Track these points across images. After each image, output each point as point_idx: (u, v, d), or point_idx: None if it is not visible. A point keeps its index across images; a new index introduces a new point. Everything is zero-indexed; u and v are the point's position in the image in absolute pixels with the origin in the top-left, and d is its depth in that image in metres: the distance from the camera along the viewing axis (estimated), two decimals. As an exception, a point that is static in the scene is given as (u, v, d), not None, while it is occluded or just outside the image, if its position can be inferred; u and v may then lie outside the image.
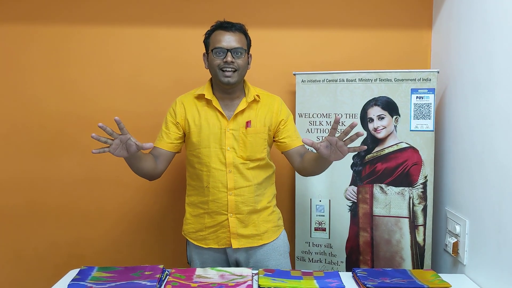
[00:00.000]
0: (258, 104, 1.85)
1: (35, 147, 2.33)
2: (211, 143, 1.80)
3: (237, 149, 1.80)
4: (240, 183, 1.80)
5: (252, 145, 1.80)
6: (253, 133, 1.81)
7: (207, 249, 1.87)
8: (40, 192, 2.35)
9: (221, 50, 1.73)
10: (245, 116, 1.82)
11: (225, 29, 1.75)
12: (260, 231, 1.85)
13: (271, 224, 1.88)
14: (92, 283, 1.55)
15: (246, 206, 1.81)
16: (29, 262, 2.36)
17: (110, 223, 2.37)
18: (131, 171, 2.34)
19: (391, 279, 1.66)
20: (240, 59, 1.75)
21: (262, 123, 1.83)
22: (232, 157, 1.79)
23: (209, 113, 1.82)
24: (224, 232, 1.83)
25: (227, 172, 1.80)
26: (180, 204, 2.37)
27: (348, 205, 2.14)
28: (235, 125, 1.80)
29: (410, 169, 2.06)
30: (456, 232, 1.89)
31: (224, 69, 1.73)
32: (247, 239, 1.84)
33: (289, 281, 1.61)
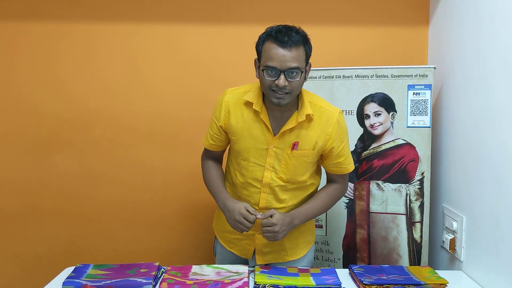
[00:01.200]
0: (311, 122, 1.60)
1: (30, 147, 2.32)
2: (250, 157, 1.63)
3: (278, 169, 1.63)
4: (273, 204, 1.66)
5: (295, 168, 1.62)
6: (299, 156, 1.61)
7: (230, 251, 1.80)
8: (36, 191, 2.33)
9: (274, 71, 1.47)
10: (294, 135, 1.60)
11: (280, 44, 1.45)
12: (285, 247, 1.74)
13: (301, 240, 1.77)
14: (87, 280, 1.54)
15: None
16: (26, 261, 2.35)
17: (106, 220, 2.36)
18: (127, 169, 2.34)
19: (388, 276, 1.65)
20: (295, 80, 1.48)
21: (311, 145, 1.61)
22: (270, 177, 1.63)
23: (254, 124, 1.61)
24: (249, 244, 1.74)
25: (262, 191, 1.65)
26: (177, 202, 2.37)
27: (345, 202, 2.14)
28: (281, 144, 1.60)
29: (407, 165, 2.06)
30: (453, 228, 1.88)
31: (275, 91, 1.49)
32: (272, 254, 1.75)
33: (286, 278, 1.61)
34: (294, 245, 1.76)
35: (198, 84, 2.30)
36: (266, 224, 1.55)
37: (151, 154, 2.34)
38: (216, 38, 2.28)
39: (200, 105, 2.26)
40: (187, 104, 2.28)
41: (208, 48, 2.30)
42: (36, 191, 2.34)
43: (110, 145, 2.32)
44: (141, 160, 2.34)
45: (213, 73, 2.30)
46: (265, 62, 1.48)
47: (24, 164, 2.32)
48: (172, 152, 2.33)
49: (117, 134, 2.32)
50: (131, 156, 2.33)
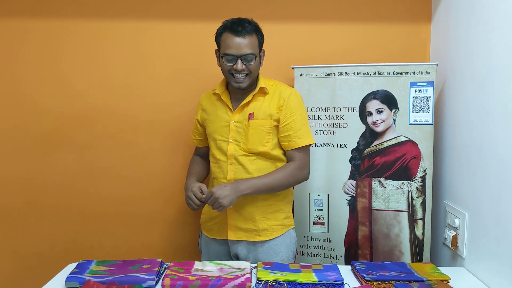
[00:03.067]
0: (266, 96, 1.82)
1: (31, 144, 2.32)
2: (217, 136, 1.84)
3: (240, 141, 1.80)
4: (240, 175, 1.79)
5: (253, 137, 1.79)
6: (255, 125, 1.79)
7: (212, 239, 1.90)
8: (37, 187, 2.34)
9: (231, 57, 1.71)
10: (250, 108, 1.81)
11: (235, 33, 1.70)
12: (258, 227, 1.83)
13: (274, 222, 1.85)
14: (90, 276, 1.55)
15: (244, 198, 1.78)
16: (28, 259, 2.35)
17: (108, 217, 2.36)
18: (129, 166, 2.35)
19: (390, 272, 1.65)
20: (251, 64, 1.73)
21: (265, 115, 1.79)
22: (233, 149, 1.80)
23: (219, 107, 1.86)
24: (224, 223, 1.85)
25: (228, 163, 1.81)
26: (177, 199, 2.37)
27: (347, 199, 2.14)
28: (240, 117, 1.81)
29: (409, 162, 2.06)
30: (455, 225, 1.88)
31: (234, 76, 1.74)
32: (245, 232, 1.84)
33: (288, 274, 1.61)
34: (267, 226, 1.84)
35: (200, 81, 2.30)
36: (207, 197, 1.70)
37: (153, 150, 2.34)
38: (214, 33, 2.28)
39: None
40: (189, 101, 2.28)
41: (210, 45, 2.29)
42: (37, 187, 2.34)
43: (111, 141, 2.32)
44: (143, 156, 2.34)
45: (216, 71, 2.29)
46: (224, 50, 1.73)
47: (25, 160, 2.32)
48: (174, 148, 2.33)
49: (119, 131, 2.32)
50: (132, 153, 2.34)
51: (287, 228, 1.89)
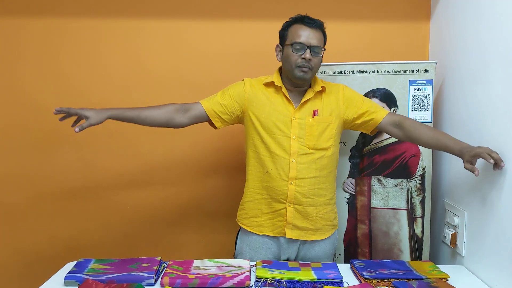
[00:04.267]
0: (324, 94, 1.82)
1: (31, 142, 2.31)
2: (276, 130, 1.77)
3: (304, 138, 1.77)
4: (303, 174, 1.77)
5: (319, 133, 1.77)
6: (320, 121, 1.78)
7: (261, 236, 1.83)
8: (37, 186, 2.33)
9: (301, 46, 1.71)
10: (312, 105, 1.80)
11: (307, 25, 1.73)
12: (315, 227, 1.81)
13: (327, 222, 1.84)
14: (89, 275, 1.55)
15: (305, 197, 1.78)
16: (28, 257, 2.35)
17: (107, 216, 2.36)
18: (129, 164, 2.34)
19: (389, 270, 1.65)
20: (317, 57, 1.74)
21: (328, 112, 1.80)
22: (297, 147, 1.76)
23: (277, 100, 1.80)
24: (280, 220, 1.80)
25: (291, 161, 1.76)
26: (179, 197, 2.37)
27: (346, 198, 2.14)
28: (302, 114, 1.78)
29: (408, 161, 2.05)
30: (454, 223, 1.88)
31: (301, 66, 1.72)
32: (301, 231, 1.81)
33: (287, 272, 1.61)
34: (321, 226, 1.83)
35: (200, 79, 2.29)
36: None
37: (153, 148, 2.34)
38: (218, 33, 2.28)
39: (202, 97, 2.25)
40: (189, 99, 2.27)
41: (210, 43, 2.30)
42: (37, 186, 2.34)
43: (111, 139, 2.32)
44: (142, 154, 2.34)
45: (216, 68, 2.30)
46: (293, 39, 1.73)
47: (25, 158, 2.32)
48: (174, 146, 2.33)
49: (118, 129, 2.31)
50: (132, 151, 2.33)
51: (335, 229, 1.90)
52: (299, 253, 1.84)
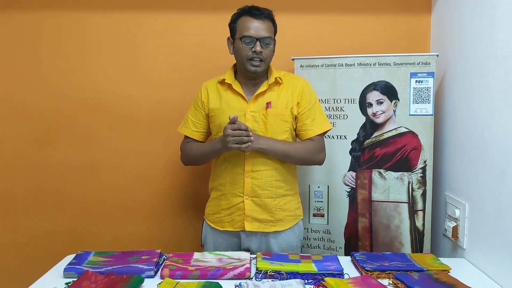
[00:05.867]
0: (281, 86, 1.82)
1: (31, 135, 2.31)
2: None
3: (257, 131, 1.77)
4: (258, 166, 1.78)
5: (272, 126, 1.77)
6: (274, 114, 1.77)
7: (223, 232, 1.85)
8: (36, 181, 2.33)
9: (250, 39, 1.71)
10: (266, 97, 1.79)
11: (254, 16, 1.72)
12: (275, 218, 1.82)
13: (288, 213, 1.85)
14: (88, 267, 1.54)
15: (262, 189, 1.79)
16: (27, 250, 2.35)
17: (107, 210, 2.35)
18: (128, 158, 2.34)
19: (390, 263, 1.65)
20: (268, 49, 1.73)
21: (283, 104, 1.79)
22: None
23: (230, 97, 1.81)
24: (239, 214, 1.81)
25: (246, 154, 1.77)
26: (178, 191, 2.36)
27: (347, 191, 2.13)
28: (256, 107, 1.78)
29: (409, 154, 2.04)
30: (455, 216, 1.87)
31: (252, 59, 1.72)
32: (260, 223, 1.81)
33: (287, 264, 1.60)
34: (282, 217, 1.83)
35: (197, 71, 2.28)
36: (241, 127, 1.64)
37: (151, 142, 2.33)
38: (214, 25, 2.27)
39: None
40: (186, 92, 2.27)
41: (206, 35, 2.29)
42: (36, 181, 2.33)
43: (109, 134, 2.31)
44: (141, 148, 2.33)
45: (212, 60, 2.28)
46: (242, 33, 1.72)
47: (24, 151, 2.31)
48: (172, 140, 2.31)
49: (117, 123, 2.31)
50: (131, 145, 2.32)
51: (298, 219, 1.90)
52: (261, 245, 1.84)
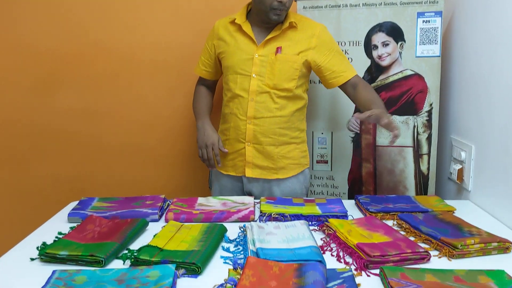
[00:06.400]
0: (295, 31, 1.75)
1: (30, 86, 2.26)
2: (238, 69, 1.75)
3: (264, 76, 1.73)
4: (261, 113, 1.75)
5: (280, 72, 1.73)
6: (283, 60, 1.73)
7: (226, 175, 1.87)
8: (38, 130, 2.31)
9: None
10: (278, 42, 1.74)
11: None
12: (277, 165, 1.81)
13: (291, 161, 1.83)
14: (92, 211, 1.54)
15: (264, 137, 1.77)
16: (32, 199, 2.36)
17: (111, 159, 2.34)
18: (131, 107, 2.31)
19: (394, 205, 1.64)
20: None
21: (295, 51, 1.73)
22: (256, 85, 1.74)
23: (240, 38, 1.77)
24: (241, 160, 1.82)
25: (249, 100, 1.75)
26: (182, 140, 2.34)
27: (351, 137, 2.10)
28: (265, 51, 1.73)
29: (415, 97, 2.00)
30: (461, 158, 1.85)
31: (276, 8, 1.66)
32: (262, 170, 1.81)
33: (291, 207, 1.60)
34: (282, 165, 1.82)
35: (201, 13, 2.21)
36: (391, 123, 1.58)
37: (155, 89, 2.28)
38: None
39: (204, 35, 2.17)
40: (191, 35, 2.21)
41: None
42: (39, 130, 2.31)
43: (112, 81, 2.27)
44: (144, 97, 2.29)
45: (216, 1, 2.20)
46: None
47: (24, 104, 2.28)
48: (177, 86, 2.27)
49: (120, 69, 2.26)
50: (134, 92, 2.28)
51: (303, 168, 1.89)
52: (263, 191, 1.85)
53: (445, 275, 1.09)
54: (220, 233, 1.36)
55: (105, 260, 1.18)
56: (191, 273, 1.15)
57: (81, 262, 1.20)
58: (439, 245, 1.29)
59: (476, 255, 1.26)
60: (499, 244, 1.27)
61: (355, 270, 1.17)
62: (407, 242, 1.26)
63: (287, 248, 1.25)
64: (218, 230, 1.37)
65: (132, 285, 1.04)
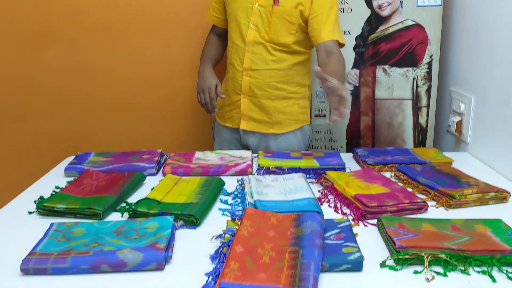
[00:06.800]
0: None
1: (19, 42, 2.19)
2: (238, 17, 1.71)
3: (260, 28, 1.69)
4: (257, 65, 1.71)
5: (276, 26, 1.67)
6: (280, 13, 1.66)
7: (224, 126, 1.88)
8: (32, 87, 2.25)
9: None
10: None
11: None
12: (272, 120, 1.79)
13: (288, 116, 1.80)
14: (89, 166, 1.53)
15: (260, 90, 1.74)
16: (28, 156, 2.35)
17: (106, 115, 2.31)
18: (126, 61, 2.25)
19: (392, 157, 1.64)
20: None
21: (293, 4, 1.65)
22: (253, 35, 1.70)
23: None
24: (237, 112, 1.81)
25: (246, 50, 1.71)
26: (178, 95, 2.31)
27: (350, 90, 2.07)
28: (265, 2, 1.67)
29: (415, 48, 1.96)
30: (460, 111, 1.83)
31: None
32: (257, 124, 1.80)
33: (289, 161, 1.60)
34: (281, 119, 1.80)
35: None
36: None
37: (150, 43, 2.22)
38: None
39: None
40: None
41: None
42: (32, 87, 2.26)
43: (104, 35, 2.20)
44: (138, 50, 2.23)
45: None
46: None
47: (15, 60, 2.22)
48: (172, 41, 2.22)
49: (112, 23, 2.19)
50: (127, 47, 2.22)
51: (302, 124, 1.85)
52: (260, 144, 1.84)
53: (442, 224, 1.09)
54: (218, 186, 1.36)
55: (103, 213, 1.18)
56: (189, 224, 1.16)
57: (79, 215, 1.20)
58: (437, 196, 1.29)
59: (474, 205, 1.27)
60: (496, 194, 1.28)
61: (353, 221, 1.18)
62: (404, 193, 1.27)
63: (284, 200, 1.26)
64: (216, 183, 1.37)
65: (130, 237, 1.04)
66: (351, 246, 0.98)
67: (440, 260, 0.95)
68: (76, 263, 0.93)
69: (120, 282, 0.92)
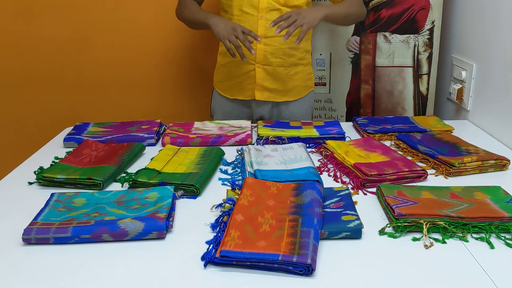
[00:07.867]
0: None
1: (12, 12, 2.16)
2: None
3: None
4: (272, 32, 1.64)
5: None
6: None
7: (232, 100, 1.82)
8: (29, 58, 2.22)
9: None
10: None
11: None
12: (286, 87, 1.77)
13: (298, 83, 1.78)
14: (88, 136, 1.53)
15: (275, 57, 1.70)
16: (27, 128, 2.34)
17: (104, 85, 2.29)
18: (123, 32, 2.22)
19: (392, 125, 1.63)
20: None
21: None
22: (266, 1, 1.64)
23: None
24: (250, 83, 1.75)
25: (259, 18, 1.65)
26: (176, 63, 2.29)
27: (350, 57, 2.05)
28: None
29: (417, 14, 1.92)
30: (461, 78, 1.82)
31: None
32: (270, 93, 1.76)
33: (288, 131, 1.59)
34: (292, 87, 1.78)
35: None
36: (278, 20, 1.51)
37: (144, 11, 2.18)
38: None
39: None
40: None
41: None
42: (29, 58, 2.23)
43: (97, 2, 2.16)
44: (132, 18, 2.19)
45: None
46: None
47: (9, 30, 2.19)
48: (167, 8, 2.18)
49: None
50: (121, 15, 2.18)
51: (309, 90, 1.85)
52: (272, 113, 1.82)
53: (441, 192, 1.09)
54: (218, 156, 1.36)
55: (103, 183, 1.19)
56: (190, 194, 1.16)
57: (79, 185, 1.20)
58: (436, 164, 1.29)
59: (473, 172, 1.27)
60: (496, 162, 1.28)
61: (352, 189, 1.19)
62: (404, 161, 1.27)
63: (284, 169, 1.26)
64: (216, 153, 1.37)
65: (131, 206, 1.05)
66: (350, 214, 0.99)
67: (439, 227, 0.96)
68: (77, 232, 0.94)
69: (121, 251, 0.93)
